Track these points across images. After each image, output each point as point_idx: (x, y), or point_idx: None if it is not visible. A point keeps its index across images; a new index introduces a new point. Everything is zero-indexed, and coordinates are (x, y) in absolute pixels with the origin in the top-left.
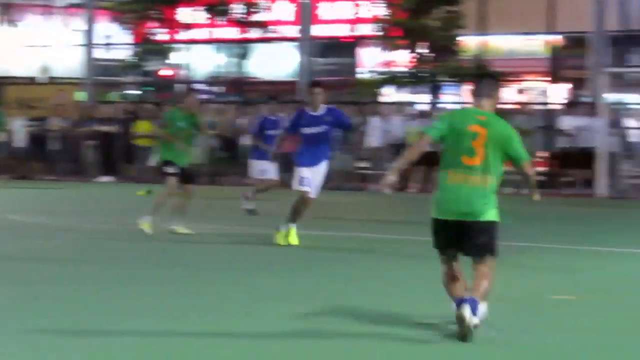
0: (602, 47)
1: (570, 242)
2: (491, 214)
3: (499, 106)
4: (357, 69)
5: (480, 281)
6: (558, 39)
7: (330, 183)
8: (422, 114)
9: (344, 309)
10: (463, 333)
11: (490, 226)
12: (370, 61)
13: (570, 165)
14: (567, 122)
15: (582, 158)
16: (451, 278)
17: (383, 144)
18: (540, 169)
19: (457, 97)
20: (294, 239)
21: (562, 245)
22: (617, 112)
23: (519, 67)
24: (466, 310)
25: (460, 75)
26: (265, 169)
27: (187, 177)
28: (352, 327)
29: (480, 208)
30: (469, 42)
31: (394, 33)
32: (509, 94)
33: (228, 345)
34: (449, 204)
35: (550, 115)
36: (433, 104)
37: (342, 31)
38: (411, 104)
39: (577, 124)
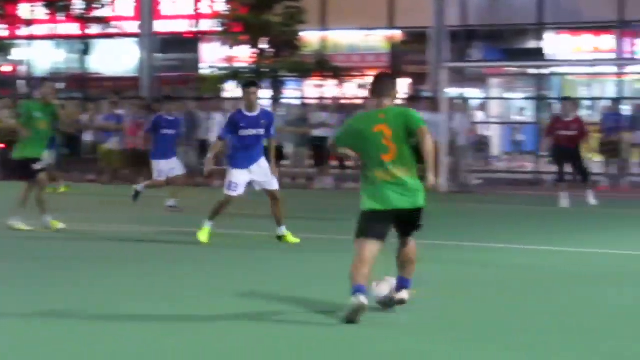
0: (442, 42)
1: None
2: (420, 201)
3: (342, 102)
4: (200, 65)
5: (409, 263)
6: (398, 34)
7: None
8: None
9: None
10: (351, 318)
11: (420, 211)
12: (212, 57)
13: None
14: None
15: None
16: (363, 263)
17: None
18: None
19: (299, 92)
20: (203, 237)
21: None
22: (459, 107)
23: (360, 63)
24: (360, 298)
25: (301, 71)
26: (172, 168)
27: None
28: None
29: (412, 199)
30: (310, 38)
31: (235, 29)
32: (350, 89)
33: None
34: (382, 198)
35: None
36: (275, 99)
37: (183, 27)
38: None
39: None
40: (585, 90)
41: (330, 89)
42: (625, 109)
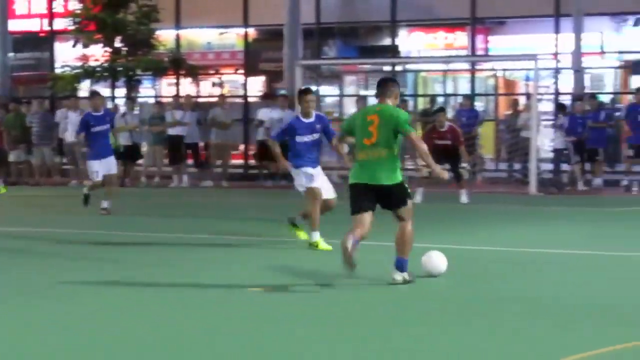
0: (296, 40)
1: (271, 235)
2: (392, 179)
3: (199, 100)
4: (55, 64)
5: (403, 244)
6: (253, 32)
7: (32, 179)
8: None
9: None
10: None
11: (396, 187)
12: (66, 56)
13: (270, 157)
14: (263, 115)
15: (282, 150)
16: (357, 227)
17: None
18: (240, 161)
19: (154, 90)
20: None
21: (265, 238)
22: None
23: (215, 61)
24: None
25: (156, 69)
26: (108, 168)
27: None
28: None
29: (384, 175)
30: (165, 36)
31: (89, 27)
32: (206, 87)
33: None
34: (361, 174)
35: (247, 107)
36: (130, 98)
37: (38, 25)
38: (111, 98)
39: (274, 116)
40: (439, 86)
41: (185, 87)
42: (479, 105)
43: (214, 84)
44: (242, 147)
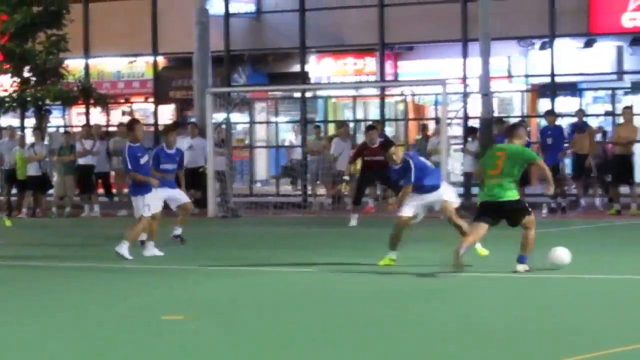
0: (206, 68)
1: (181, 262)
2: (510, 196)
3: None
4: None
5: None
6: (162, 60)
7: None
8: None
9: None
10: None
11: (513, 203)
12: None
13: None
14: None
15: (192, 178)
16: (474, 235)
17: None
18: None
19: (63, 120)
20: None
21: (173, 265)
22: (223, 131)
23: (125, 89)
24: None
25: (65, 99)
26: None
27: None
28: None
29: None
30: (74, 65)
31: None
32: (117, 116)
33: None
34: (486, 194)
35: (157, 136)
36: (39, 128)
37: None
38: (21, 128)
39: (184, 144)
40: (349, 112)
41: (95, 116)
42: (389, 130)
43: (123, 113)
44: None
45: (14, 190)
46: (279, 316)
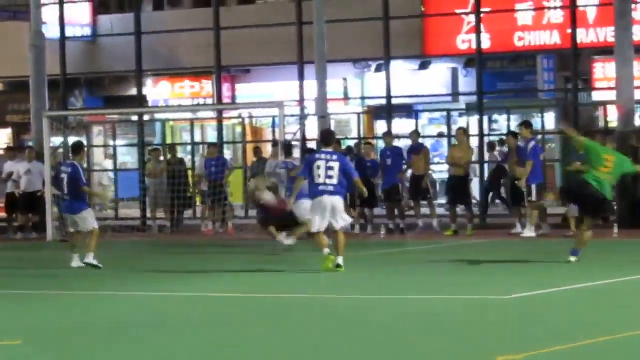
0: (42, 91)
1: (21, 288)
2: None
3: None
4: None
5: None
6: None
7: None
8: None
9: None
10: None
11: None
12: None
13: (19, 209)
14: (10, 167)
15: (30, 202)
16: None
17: None
18: None
19: None
20: None
21: (15, 291)
22: (60, 155)
23: None
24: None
25: None
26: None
27: None
28: None
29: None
30: None
31: None
32: None
33: None
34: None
35: None
36: None
37: None
38: None
39: (21, 168)
40: (187, 135)
41: None
42: (227, 153)
43: None
44: None
45: None
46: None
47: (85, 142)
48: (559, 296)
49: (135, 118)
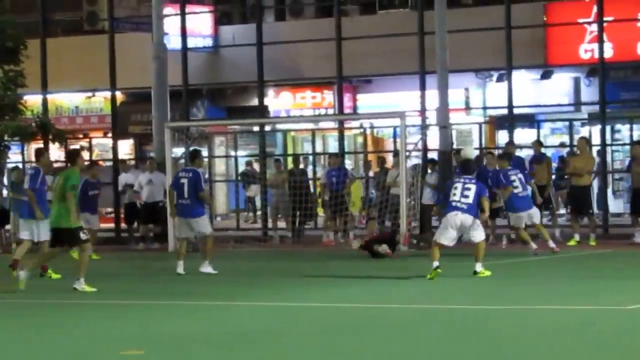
0: (164, 102)
1: (144, 297)
2: None
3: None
4: None
5: None
6: (120, 95)
7: None
8: None
9: None
10: None
11: None
12: None
13: (140, 220)
14: (133, 178)
15: (151, 213)
16: None
17: None
18: (110, 225)
19: (21, 156)
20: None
21: (137, 300)
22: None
23: (84, 124)
24: None
25: (23, 135)
26: None
27: None
28: None
29: None
30: (32, 101)
31: None
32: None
33: None
34: None
35: (117, 171)
36: None
37: None
38: None
39: (143, 178)
40: (308, 145)
41: (54, 152)
42: (348, 163)
43: (82, 148)
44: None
45: None
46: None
47: (206, 153)
48: None
49: (256, 128)
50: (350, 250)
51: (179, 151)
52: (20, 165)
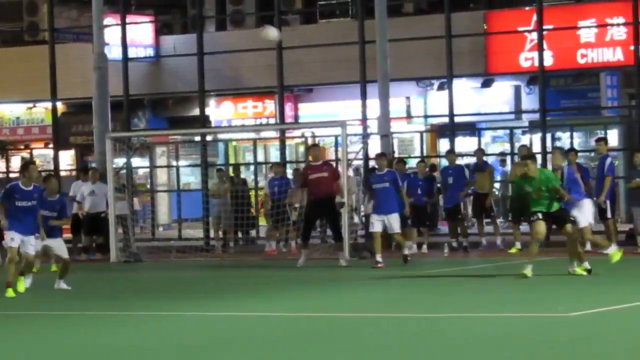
0: (106, 113)
1: (85, 308)
2: None
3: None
4: None
5: None
6: (61, 105)
7: None
8: None
9: None
10: None
11: None
12: None
13: (83, 231)
14: (75, 188)
15: (94, 223)
16: None
17: None
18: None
19: None
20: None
21: (77, 311)
22: (124, 176)
23: (25, 135)
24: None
25: None
26: None
27: None
28: None
29: None
30: None
31: None
32: (17, 162)
33: None
34: None
35: (60, 182)
36: None
37: None
38: None
39: (85, 189)
40: (250, 154)
41: None
42: (290, 172)
43: (23, 159)
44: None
45: None
46: None
47: (148, 163)
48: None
49: (198, 138)
50: (292, 259)
51: (120, 161)
52: None
